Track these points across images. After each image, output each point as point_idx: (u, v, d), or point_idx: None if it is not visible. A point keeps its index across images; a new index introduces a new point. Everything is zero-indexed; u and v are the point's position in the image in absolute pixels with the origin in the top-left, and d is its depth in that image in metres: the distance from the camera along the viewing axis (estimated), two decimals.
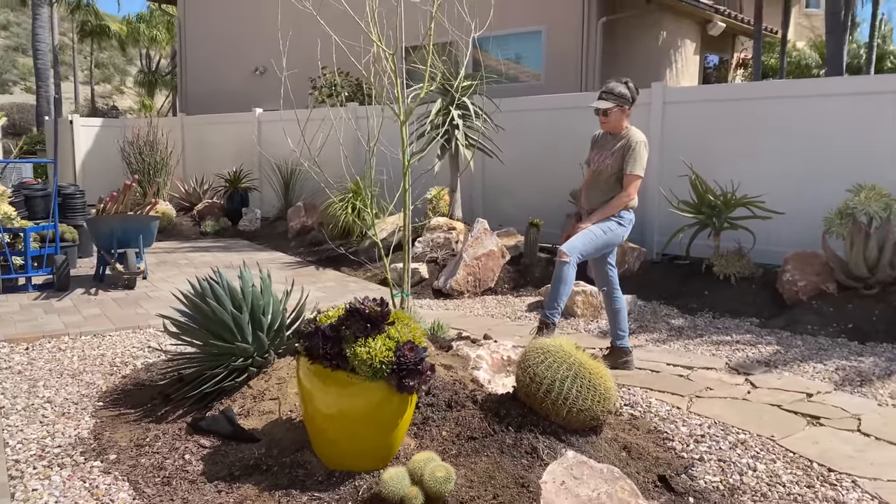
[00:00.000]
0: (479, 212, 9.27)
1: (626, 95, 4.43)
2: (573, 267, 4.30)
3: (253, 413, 3.45)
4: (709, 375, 4.50)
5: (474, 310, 6.34)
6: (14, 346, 5.01)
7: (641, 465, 3.10)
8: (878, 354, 4.89)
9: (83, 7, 26.72)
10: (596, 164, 4.56)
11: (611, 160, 4.45)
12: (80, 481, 2.99)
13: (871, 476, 3.10)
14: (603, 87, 4.49)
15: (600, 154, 4.55)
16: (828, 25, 9.62)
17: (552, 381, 2.97)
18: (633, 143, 4.39)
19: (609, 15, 11.15)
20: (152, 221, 7.23)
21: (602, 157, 4.52)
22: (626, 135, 4.46)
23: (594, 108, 4.45)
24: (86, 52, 33.46)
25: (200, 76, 17.78)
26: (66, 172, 15.06)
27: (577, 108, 8.54)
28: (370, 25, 3.86)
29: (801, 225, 6.79)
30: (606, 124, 4.51)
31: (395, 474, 2.60)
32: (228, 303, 3.69)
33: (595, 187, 4.57)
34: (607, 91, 4.44)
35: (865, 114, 6.58)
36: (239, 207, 11.91)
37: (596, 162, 4.56)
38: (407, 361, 2.72)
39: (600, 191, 4.53)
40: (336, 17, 4.68)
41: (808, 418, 3.78)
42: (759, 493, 2.97)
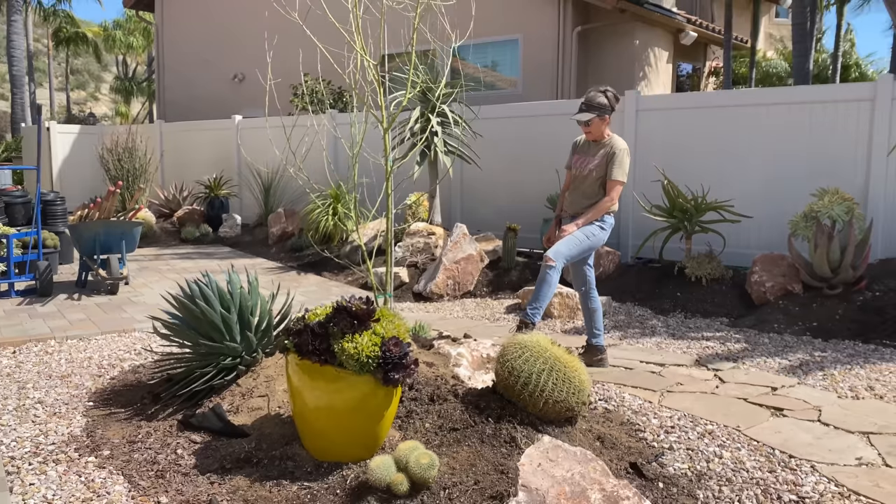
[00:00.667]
0: (457, 217, 9.45)
1: (606, 105, 4.57)
2: (558, 272, 4.43)
3: (242, 410, 3.57)
4: (680, 372, 4.70)
5: (454, 312, 6.50)
6: (1, 350, 5.07)
7: (614, 453, 3.27)
8: (839, 350, 5.12)
9: (58, 14, 26.55)
10: (578, 168, 4.70)
11: (593, 166, 4.60)
12: (76, 475, 3.10)
13: (829, 461, 3.30)
14: (583, 99, 4.63)
15: (583, 159, 4.68)
16: (794, 36, 9.95)
17: (529, 375, 3.13)
18: (617, 151, 4.55)
19: (584, 24, 11.41)
20: (135, 227, 7.30)
21: (584, 163, 4.66)
22: (608, 142, 4.62)
23: (578, 120, 4.60)
24: (60, 59, 33.22)
25: (179, 83, 17.80)
26: (42, 179, 14.99)
27: (552, 115, 8.78)
28: (354, 35, 4.01)
29: (769, 228, 7.07)
30: (589, 134, 4.65)
31: (381, 462, 2.75)
32: (217, 304, 3.82)
33: (578, 191, 4.71)
34: (587, 103, 4.58)
35: (829, 121, 6.87)
36: (219, 214, 11.97)
37: (578, 167, 4.70)
38: (392, 356, 2.87)
39: (583, 195, 4.66)
40: (318, 26, 4.84)
41: (772, 410, 3.98)
42: (725, 478, 3.15)
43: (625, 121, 8.07)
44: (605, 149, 4.59)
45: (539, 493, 2.21)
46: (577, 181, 4.73)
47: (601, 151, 4.60)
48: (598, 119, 4.56)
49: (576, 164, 4.73)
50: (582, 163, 4.68)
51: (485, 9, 11.82)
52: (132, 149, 12.88)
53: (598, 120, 4.56)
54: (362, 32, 4.05)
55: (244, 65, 15.90)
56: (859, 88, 6.95)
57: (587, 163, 4.64)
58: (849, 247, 5.85)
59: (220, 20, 16.51)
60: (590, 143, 4.71)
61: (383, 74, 4.18)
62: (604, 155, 4.58)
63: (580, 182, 4.70)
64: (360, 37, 4.07)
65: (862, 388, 4.33)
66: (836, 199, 6.23)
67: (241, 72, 16.21)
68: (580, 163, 4.69)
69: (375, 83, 4.15)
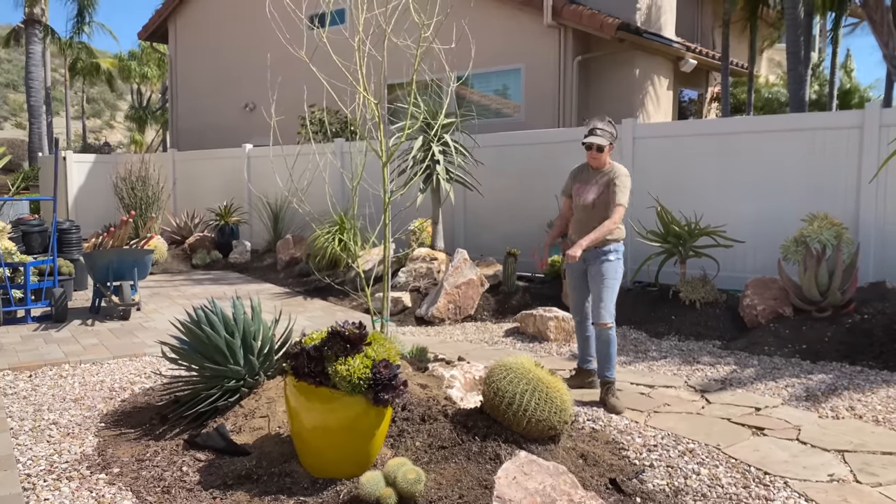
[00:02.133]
0: (460, 242, 9.67)
1: (614, 134, 4.72)
2: (615, 327, 4.63)
3: (244, 429, 3.77)
4: (668, 393, 4.86)
5: (454, 336, 6.69)
6: (18, 373, 5.30)
7: (596, 470, 3.44)
8: (826, 372, 5.27)
9: (75, 45, 27.24)
10: (581, 197, 4.72)
11: (596, 195, 4.65)
12: (88, 491, 3.30)
13: (802, 478, 3.45)
14: (594, 125, 4.67)
15: (584, 188, 4.72)
16: (788, 63, 10.16)
17: (513, 395, 3.32)
18: (619, 175, 4.62)
19: (584, 54, 11.69)
20: (147, 255, 7.56)
21: (587, 192, 4.70)
22: (609, 170, 4.68)
23: (591, 143, 4.60)
24: (77, 89, 33.98)
25: (191, 112, 18.24)
26: (58, 208, 15.37)
27: (553, 143, 9.02)
28: (358, 73, 4.26)
29: (763, 252, 7.25)
30: (597, 160, 4.68)
31: (371, 477, 2.93)
32: (222, 329, 4.03)
33: (584, 221, 4.71)
34: (601, 129, 4.64)
35: (820, 148, 7.06)
36: (229, 240, 12.25)
37: (580, 195, 4.73)
38: (382, 377, 3.07)
39: (588, 224, 4.67)
40: (324, 57, 5.09)
41: (753, 429, 4.14)
42: (700, 493, 3.31)
43: (622, 148, 8.29)
44: (607, 176, 4.66)
45: (512, 503, 2.38)
46: (579, 211, 4.77)
47: (604, 179, 4.65)
48: (608, 146, 4.65)
49: (577, 193, 4.77)
50: (584, 191, 4.72)
51: (489, 39, 12.15)
52: (145, 177, 13.22)
53: (608, 147, 4.65)
54: (367, 66, 4.30)
55: (255, 94, 16.30)
56: (848, 116, 7.14)
57: (589, 192, 4.70)
58: (836, 270, 6.01)
59: (232, 51, 16.95)
60: (590, 170, 4.76)
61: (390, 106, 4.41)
62: (606, 183, 4.64)
63: (583, 211, 4.73)
64: (363, 79, 4.32)
65: (843, 409, 4.47)
66: (826, 224, 6.40)
67: (252, 101, 16.60)
68: (582, 191, 4.74)
69: (377, 118, 4.39)
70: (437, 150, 8.28)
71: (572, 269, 4.84)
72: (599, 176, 4.70)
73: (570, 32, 11.56)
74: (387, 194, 4.34)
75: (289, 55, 12.02)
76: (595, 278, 4.64)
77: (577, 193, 4.77)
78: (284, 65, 13.27)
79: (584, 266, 4.75)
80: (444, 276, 7.44)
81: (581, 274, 4.82)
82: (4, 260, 7.13)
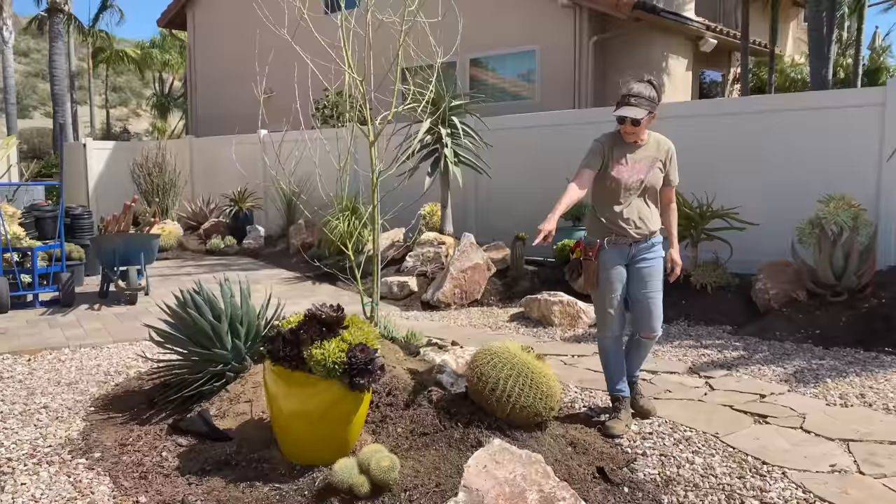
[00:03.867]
0: (472, 227, 9.54)
1: (655, 98, 3.66)
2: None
3: (228, 414, 3.71)
4: (671, 379, 4.71)
5: (458, 320, 6.59)
6: (17, 357, 5.31)
7: (584, 458, 3.32)
8: (838, 358, 5.07)
9: (97, 33, 27.45)
10: (629, 177, 3.71)
11: (644, 174, 3.73)
12: (66, 476, 3.26)
13: (801, 468, 3.30)
14: (627, 91, 3.66)
15: (630, 166, 3.72)
16: (810, 41, 9.84)
17: (496, 380, 3.21)
18: (671, 150, 3.80)
19: (600, 34, 11.45)
20: (153, 240, 7.55)
21: (634, 170, 3.72)
22: (653, 142, 3.77)
23: (624, 117, 3.62)
24: (104, 77, 34.29)
25: (209, 99, 18.27)
26: (79, 194, 15.52)
27: (567, 124, 8.84)
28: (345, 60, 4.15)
29: (777, 235, 7.00)
30: (633, 135, 3.70)
31: (344, 465, 2.85)
32: (208, 312, 3.97)
33: (632, 205, 3.75)
34: (636, 95, 3.62)
35: (839, 127, 6.81)
36: (243, 226, 12.25)
37: (627, 174, 3.71)
38: (358, 361, 2.98)
39: (636, 208, 3.75)
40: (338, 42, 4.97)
41: (755, 417, 3.98)
42: (692, 483, 3.18)
43: None
44: (651, 151, 3.75)
45: (479, 493, 2.28)
46: (622, 193, 3.73)
47: (648, 155, 3.74)
48: (647, 116, 3.61)
49: (619, 172, 3.72)
50: (630, 170, 3.72)
51: (503, 21, 11.96)
52: (162, 164, 13.28)
53: (647, 117, 3.61)
54: (379, 45, 4.20)
55: (272, 80, 16.23)
56: (870, 93, 6.87)
57: (638, 170, 3.73)
58: (852, 253, 5.79)
59: (248, 37, 16.90)
60: (624, 144, 3.76)
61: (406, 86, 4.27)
62: (653, 159, 3.75)
63: (628, 194, 3.73)
64: (348, 56, 4.21)
65: (853, 396, 4.29)
66: (842, 206, 6.17)
67: (268, 87, 16.55)
68: (626, 170, 3.72)
69: (363, 99, 4.29)
70: (445, 133, 8.14)
71: (613, 262, 3.79)
72: (643, 150, 3.75)
73: (585, 12, 11.32)
74: (375, 175, 4.24)
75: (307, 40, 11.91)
76: (643, 277, 3.77)
77: (620, 172, 3.71)
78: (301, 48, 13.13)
79: (627, 261, 3.81)
80: (450, 260, 7.33)
81: (622, 270, 3.82)
82: (13, 245, 7.16)
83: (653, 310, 3.81)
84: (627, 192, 3.75)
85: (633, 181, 3.73)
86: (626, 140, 3.76)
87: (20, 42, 46.15)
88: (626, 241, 3.78)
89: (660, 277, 3.82)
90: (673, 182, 3.88)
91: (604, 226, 3.82)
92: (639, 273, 3.80)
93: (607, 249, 3.79)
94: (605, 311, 3.86)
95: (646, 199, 3.78)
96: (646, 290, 3.79)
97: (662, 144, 3.80)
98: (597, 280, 3.82)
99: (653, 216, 3.81)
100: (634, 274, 3.81)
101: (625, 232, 3.75)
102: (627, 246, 3.79)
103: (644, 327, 3.84)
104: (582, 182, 3.72)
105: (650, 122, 3.70)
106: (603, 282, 3.81)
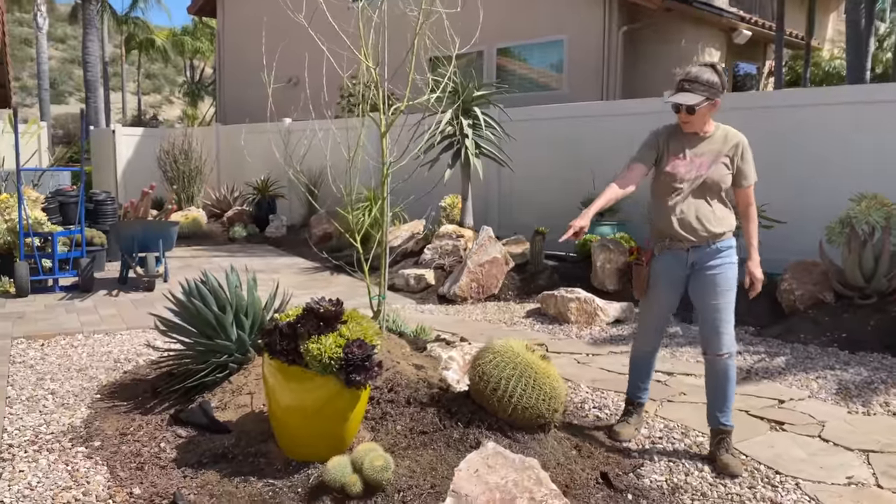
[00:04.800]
0: (494, 220, 9.42)
1: (717, 84, 3.31)
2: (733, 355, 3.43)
3: (230, 406, 3.67)
4: (686, 381, 4.57)
5: (473, 315, 6.49)
6: (31, 342, 5.34)
7: (589, 463, 3.22)
8: (864, 364, 4.88)
9: (130, 20, 27.72)
10: (687, 171, 3.34)
11: (702, 167, 3.33)
12: (64, 464, 3.24)
13: (816, 479, 3.16)
14: (684, 75, 3.35)
15: (689, 160, 3.35)
16: (848, 34, 9.53)
17: (498, 380, 3.11)
18: (745, 145, 3.38)
19: (630, 24, 11.21)
20: (171, 227, 7.56)
21: (695, 164, 3.35)
22: (719, 134, 3.39)
23: (677, 104, 3.29)
24: (135, 63, 34.70)
25: (237, 86, 18.33)
26: (107, 179, 15.70)
27: (593, 116, 8.68)
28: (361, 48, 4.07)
29: (806, 234, 6.78)
30: (689, 124, 3.34)
31: (337, 463, 2.78)
32: (213, 303, 3.93)
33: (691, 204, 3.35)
34: (691, 80, 3.30)
35: (874, 123, 6.56)
36: (266, 214, 12.27)
37: (686, 169, 3.34)
38: (354, 357, 2.90)
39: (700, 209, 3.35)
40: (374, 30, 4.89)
41: (772, 423, 3.84)
42: (700, 492, 3.06)
43: (662, 121, 7.90)
44: (716, 145, 3.36)
45: (468, 499, 2.20)
46: (680, 190, 3.35)
47: (713, 148, 3.35)
48: (707, 104, 3.28)
49: (676, 166, 3.36)
50: (690, 165, 3.35)
51: (531, 10, 11.77)
52: (188, 150, 13.35)
53: (706, 105, 3.28)
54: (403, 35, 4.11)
55: (300, 69, 16.23)
56: None
57: (699, 165, 3.34)
58: (883, 254, 5.57)
59: (277, 25, 16.91)
60: (684, 136, 3.39)
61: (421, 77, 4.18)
62: (718, 153, 3.34)
63: (687, 191, 3.35)
64: (366, 48, 4.13)
65: (877, 404, 4.12)
66: (875, 205, 5.95)
67: (295, 75, 16.56)
68: (684, 165, 3.36)
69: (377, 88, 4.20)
70: (467, 124, 8.03)
71: (665, 270, 3.44)
72: (706, 143, 3.36)
73: (614, 2, 11.09)
74: (385, 167, 4.16)
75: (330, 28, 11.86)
76: (706, 288, 3.35)
77: (675, 167, 3.35)
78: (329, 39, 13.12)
79: (687, 270, 3.42)
80: (469, 253, 7.23)
81: (680, 280, 3.44)
82: (34, 230, 7.22)
83: (717, 325, 3.33)
84: (684, 190, 3.35)
85: (690, 177, 3.33)
86: (685, 131, 3.39)
87: (57, 29, 46.90)
88: (682, 245, 3.37)
89: (728, 289, 3.36)
90: (747, 182, 3.39)
91: (659, 228, 3.46)
92: (702, 283, 3.38)
93: (659, 256, 3.46)
94: (645, 323, 3.60)
95: (707, 198, 3.34)
96: (710, 303, 3.35)
97: (731, 137, 3.38)
98: (646, 288, 3.53)
99: (716, 218, 3.35)
100: (697, 284, 3.39)
101: (680, 235, 3.35)
102: (685, 252, 3.38)
103: (708, 345, 3.38)
104: (627, 179, 3.39)
105: (713, 112, 3.34)
106: (651, 291, 3.50)
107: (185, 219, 11.78)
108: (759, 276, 3.46)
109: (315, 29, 4.52)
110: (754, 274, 3.46)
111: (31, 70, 37.07)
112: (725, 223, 3.38)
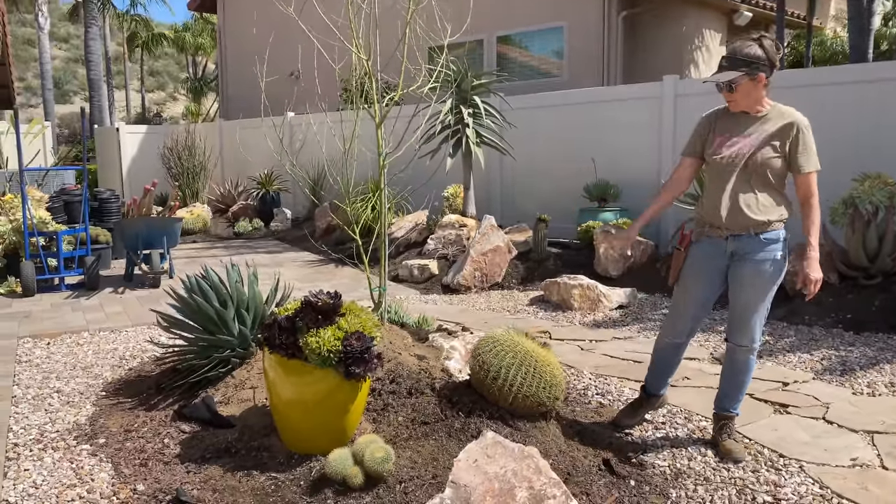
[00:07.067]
0: (497, 209, 9.40)
1: (761, 57, 3.01)
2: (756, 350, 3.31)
3: (233, 401, 3.68)
4: (690, 365, 4.56)
5: (477, 304, 6.49)
6: (38, 341, 5.37)
7: (591, 450, 3.21)
8: (869, 345, 4.86)
9: (132, 17, 27.73)
10: (729, 150, 3.11)
11: (753, 147, 3.07)
12: (69, 462, 3.26)
13: (820, 462, 3.15)
14: (728, 51, 3.13)
15: (733, 140, 3.11)
16: (850, 12, 9.43)
17: (498, 369, 3.11)
18: (801, 127, 3.07)
19: (630, 9, 11.13)
20: (175, 224, 7.58)
21: (738, 144, 3.10)
22: (774, 114, 3.10)
23: (714, 82, 3.09)
24: (139, 61, 34.73)
25: (240, 81, 18.31)
26: (112, 177, 15.74)
27: (594, 102, 8.64)
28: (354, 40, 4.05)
29: None
30: (735, 103, 3.11)
31: (338, 455, 2.79)
32: (214, 298, 3.94)
33: (735, 189, 3.10)
34: (729, 56, 3.07)
35: (877, 102, 6.50)
36: (270, 209, 12.29)
37: (728, 148, 3.11)
38: (353, 350, 2.90)
39: (742, 197, 3.09)
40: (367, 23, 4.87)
41: (776, 406, 3.83)
42: (703, 476, 3.05)
43: (663, 106, 7.88)
44: (769, 124, 3.07)
45: (467, 489, 2.20)
46: (723, 173, 3.13)
47: (766, 127, 3.08)
48: (748, 80, 3.02)
49: (720, 146, 3.14)
50: (732, 144, 3.10)
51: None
52: (192, 147, 13.38)
53: (748, 82, 3.02)
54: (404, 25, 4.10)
55: (301, 63, 16.22)
56: None
57: (741, 144, 3.08)
58: (887, 234, 5.54)
59: (278, 19, 16.88)
60: (735, 115, 3.16)
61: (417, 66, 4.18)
62: (773, 134, 3.06)
63: (729, 174, 3.11)
64: (356, 37, 4.12)
65: (882, 385, 4.10)
66: (878, 185, 5.90)
67: (296, 70, 16.54)
68: (727, 144, 3.12)
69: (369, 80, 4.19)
70: (467, 114, 8.00)
71: (702, 258, 3.24)
72: (758, 124, 3.10)
73: None
74: (382, 158, 4.15)
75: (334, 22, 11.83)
76: (741, 280, 3.14)
77: (720, 148, 3.14)
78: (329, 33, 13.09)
79: (727, 260, 3.19)
80: (471, 242, 7.22)
81: (718, 270, 3.22)
82: (39, 229, 7.25)
83: (745, 318, 3.16)
84: (725, 173, 3.11)
85: (731, 157, 3.08)
86: (732, 110, 3.16)
87: (60, 28, 46.94)
88: (720, 233, 3.14)
89: (764, 283, 3.12)
90: (802, 168, 3.05)
91: (700, 213, 3.27)
92: (738, 273, 3.14)
93: (697, 242, 3.26)
94: (675, 311, 3.35)
95: (752, 182, 3.08)
96: (741, 295, 3.15)
97: (786, 117, 3.07)
98: (678, 273, 3.33)
99: (761, 205, 3.07)
100: (733, 273, 3.17)
101: (718, 221, 3.12)
102: (723, 240, 3.14)
103: (731, 334, 3.26)
104: (672, 182, 3.30)
105: (761, 88, 3.03)
106: (684, 277, 3.29)
107: (190, 215, 11.82)
108: (813, 277, 3.07)
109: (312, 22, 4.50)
110: (807, 274, 3.07)
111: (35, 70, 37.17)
112: (771, 212, 3.09)
